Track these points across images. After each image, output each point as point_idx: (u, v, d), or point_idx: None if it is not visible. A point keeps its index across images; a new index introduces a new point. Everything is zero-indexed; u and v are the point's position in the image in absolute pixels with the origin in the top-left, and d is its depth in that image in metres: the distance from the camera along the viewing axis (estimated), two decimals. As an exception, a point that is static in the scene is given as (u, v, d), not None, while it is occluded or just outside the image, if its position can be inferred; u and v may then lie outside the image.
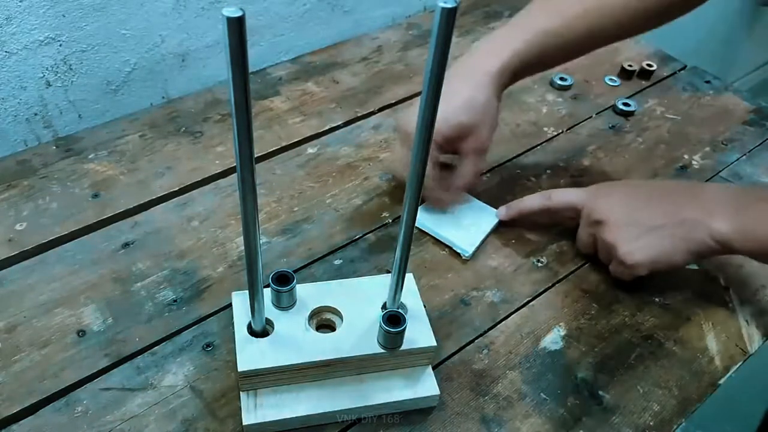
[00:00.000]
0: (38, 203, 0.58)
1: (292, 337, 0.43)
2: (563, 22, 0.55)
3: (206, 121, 0.68)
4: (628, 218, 0.50)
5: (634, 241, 0.49)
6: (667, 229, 0.48)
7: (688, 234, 0.48)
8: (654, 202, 0.50)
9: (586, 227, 0.53)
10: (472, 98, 0.53)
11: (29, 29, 0.59)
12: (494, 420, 0.45)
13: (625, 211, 0.50)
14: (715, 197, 0.49)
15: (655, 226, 0.49)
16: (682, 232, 0.48)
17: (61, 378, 0.46)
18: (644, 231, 0.49)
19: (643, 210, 0.50)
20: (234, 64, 0.28)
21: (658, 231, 0.49)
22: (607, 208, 0.51)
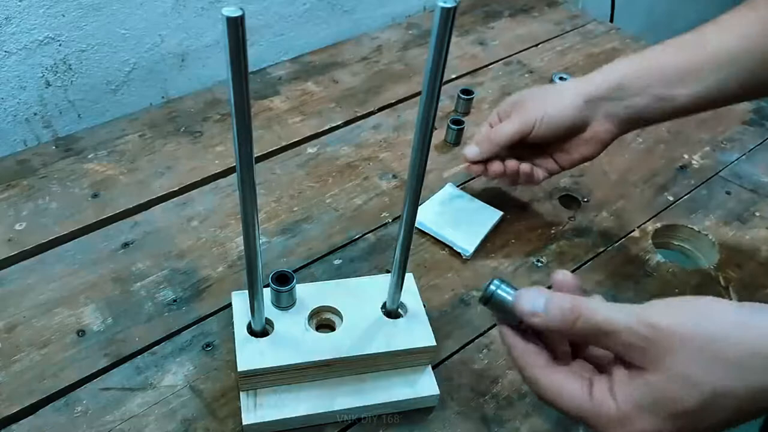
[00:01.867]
0: (38, 203, 0.58)
1: (291, 337, 0.43)
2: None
3: (206, 121, 0.68)
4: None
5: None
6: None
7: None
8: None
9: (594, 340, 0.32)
10: (546, 88, 0.55)
11: (29, 29, 0.59)
12: (494, 420, 0.45)
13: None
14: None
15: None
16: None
17: (61, 378, 0.45)
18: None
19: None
20: (234, 64, 0.28)
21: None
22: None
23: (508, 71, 0.78)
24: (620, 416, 0.30)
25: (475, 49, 0.82)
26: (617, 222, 0.60)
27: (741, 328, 0.29)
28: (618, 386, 0.31)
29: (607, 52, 0.83)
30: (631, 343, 0.30)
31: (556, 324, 0.32)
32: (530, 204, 0.61)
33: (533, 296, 0.33)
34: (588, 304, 0.31)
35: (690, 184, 0.65)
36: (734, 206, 0.63)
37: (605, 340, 0.31)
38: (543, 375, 0.33)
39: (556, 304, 0.32)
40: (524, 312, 0.33)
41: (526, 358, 0.34)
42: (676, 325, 0.29)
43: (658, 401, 0.29)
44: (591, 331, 0.31)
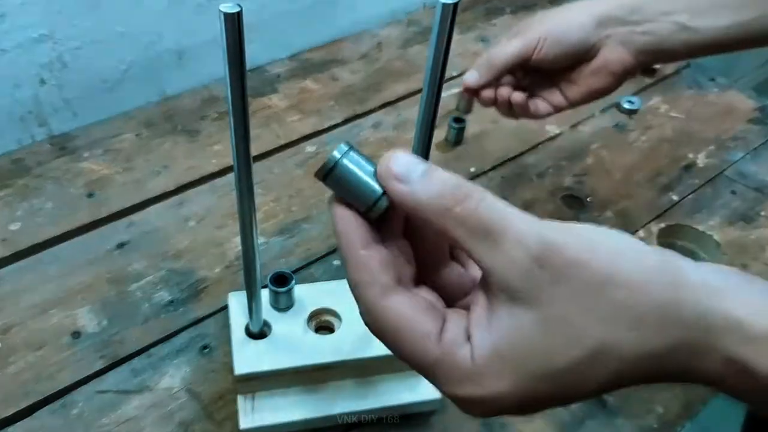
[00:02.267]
0: (33, 203, 0.57)
1: (290, 339, 0.42)
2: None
3: (203, 120, 0.67)
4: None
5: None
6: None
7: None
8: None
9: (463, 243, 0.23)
10: (557, 8, 0.49)
11: (23, 26, 0.58)
12: (496, 424, 0.45)
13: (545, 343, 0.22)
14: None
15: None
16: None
17: (57, 380, 0.45)
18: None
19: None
20: (231, 61, 0.27)
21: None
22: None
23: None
24: (473, 370, 0.22)
25: (476, 47, 0.81)
26: (621, 222, 0.60)
27: (652, 277, 0.21)
28: (476, 325, 0.22)
29: (610, 49, 0.82)
30: (513, 261, 0.21)
31: (430, 201, 0.22)
32: (533, 203, 0.61)
33: (408, 158, 0.23)
34: (478, 189, 0.23)
35: (694, 184, 0.64)
36: (739, 206, 0.62)
37: (480, 247, 0.22)
38: (383, 302, 0.23)
39: (439, 175, 0.23)
40: (391, 173, 0.23)
41: (366, 271, 0.23)
42: (580, 257, 0.21)
43: (525, 351, 0.21)
44: (471, 225, 0.22)
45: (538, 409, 0.23)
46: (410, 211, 0.23)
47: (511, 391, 0.22)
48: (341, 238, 0.24)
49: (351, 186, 0.24)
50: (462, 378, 0.22)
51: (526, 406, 0.22)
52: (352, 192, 0.24)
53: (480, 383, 0.22)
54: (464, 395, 0.22)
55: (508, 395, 0.22)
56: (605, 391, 0.22)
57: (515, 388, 0.22)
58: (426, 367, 0.23)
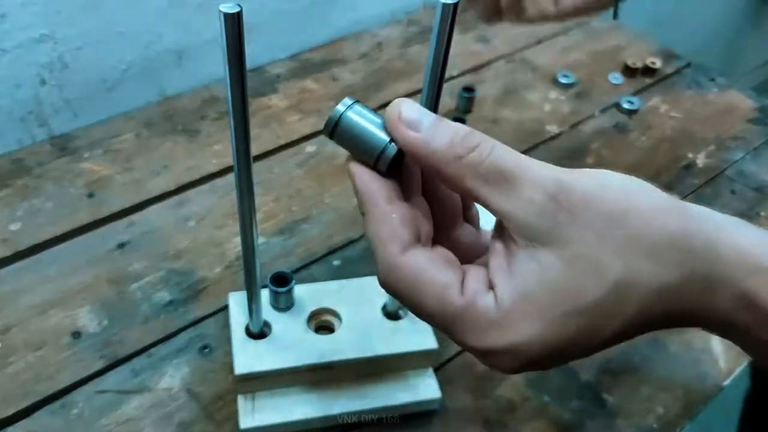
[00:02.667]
0: (33, 203, 0.57)
1: (290, 339, 0.42)
2: None
3: (203, 120, 0.67)
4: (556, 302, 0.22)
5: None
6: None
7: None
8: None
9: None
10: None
11: (24, 26, 0.58)
12: (497, 423, 0.45)
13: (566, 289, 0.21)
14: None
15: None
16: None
17: (57, 380, 0.45)
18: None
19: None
20: (231, 61, 0.27)
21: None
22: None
23: (511, 69, 0.78)
24: (499, 317, 0.21)
25: (477, 47, 0.81)
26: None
27: (663, 209, 0.22)
28: (497, 273, 0.22)
29: (612, 49, 0.82)
30: (531, 202, 0.21)
31: (441, 148, 0.22)
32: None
33: (418, 106, 0.23)
34: (489, 138, 0.23)
35: (694, 184, 0.64)
36: (739, 206, 0.62)
37: (495, 193, 0.22)
38: (403, 257, 0.23)
39: (449, 124, 0.23)
40: (401, 119, 0.23)
41: (388, 226, 0.23)
42: (593, 192, 0.21)
43: (551, 291, 0.21)
44: (485, 171, 0.22)
45: (566, 357, 0.22)
46: (421, 159, 0.23)
47: (539, 333, 0.21)
48: (363, 193, 0.24)
49: (358, 137, 0.24)
50: (487, 326, 0.21)
51: (553, 354, 0.22)
52: (359, 144, 0.24)
53: (507, 329, 0.21)
54: (491, 345, 0.22)
55: (536, 339, 0.21)
56: (630, 335, 0.22)
57: (543, 331, 0.21)
58: (448, 319, 0.22)
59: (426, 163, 0.23)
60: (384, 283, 0.24)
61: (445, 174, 0.23)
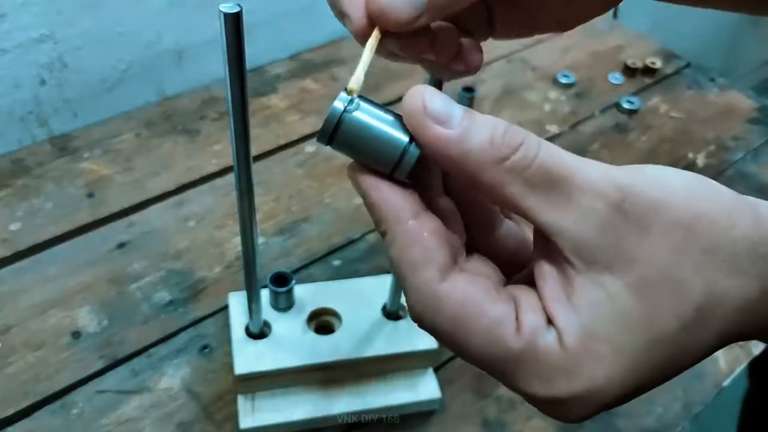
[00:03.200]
0: (33, 203, 0.57)
1: (290, 339, 0.42)
2: None
3: (203, 120, 0.67)
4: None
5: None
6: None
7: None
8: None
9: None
10: None
11: (24, 27, 0.58)
12: (496, 423, 0.45)
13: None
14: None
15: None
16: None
17: (56, 380, 0.45)
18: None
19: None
20: (231, 61, 0.27)
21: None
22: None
23: (510, 69, 0.78)
24: (565, 360, 0.17)
25: (476, 47, 0.81)
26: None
27: (733, 212, 0.18)
28: (554, 304, 0.18)
29: (612, 49, 0.82)
30: (590, 214, 0.17)
31: (476, 150, 0.18)
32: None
33: (442, 96, 0.18)
34: (532, 134, 0.19)
35: (694, 184, 0.64)
36: (739, 206, 0.62)
37: (544, 203, 0.18)
38: (443, 285, 0.18)
39: (485, 118, 0.18)
40: (427, 113, 0.18)
41: (421, 248, 0.18)
42: (660, 197, 0.17)
43: (626, 324, 0.17)
44: (531, 177, 0.18)
45: (642, 392, 0.19)
46: (453, 163, 0.18)
47: (615, 376, 0.17)
48: (381, 210, 0.19)
49: (366, 142, 0.18)
50: (553, 372, 0.18)
51: (631, 393, 0.18)
52: (369, 149, 0.18)
53: (577, 375, 0.17)
54: (559, 394, 0.18)
55: (612, 383, 0.18)
56: (711, 353, 0.19)
57: (620, 372, 0.17)
58: (500, 363, 0.18)
59: (458, 168, 0.18)
60: (419, 318, 0.19)
61: (480, 180, 0.18)
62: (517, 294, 0.19)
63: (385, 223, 0.19)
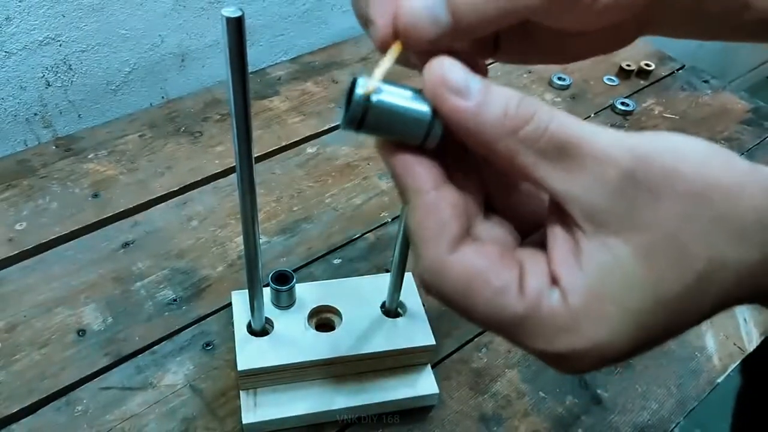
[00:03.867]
0: (38, 203, 0.58)
1: (291, 336, 0.43)
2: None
3: (206, 121, 0.68)
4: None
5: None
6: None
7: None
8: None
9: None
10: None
11: (29, 29, 0.59)
12: (493, 418, 0.45)
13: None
14: None
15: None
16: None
17: (61, 377, 0.46)
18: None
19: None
20: (233, 64, 0.28)
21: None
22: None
23: (507, 71, 0.78)
24: (568, 317, 0.18)
25: (474, 49, 0.82)
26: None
27: (746, 182, 0.18)
28: (562, 266, 0.19)
29: (606, 52, 0.83)
30: (601, 181, 0.18)
31: (492, 121, 0.18)
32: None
33: (461, 67, 0.19)
34: (545, 105, 0.19)
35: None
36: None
37: (556, 171, 0.18)
38: (451, 257, 0.19)
39: (500, 89, 0.19)
40: (447, 85, 0.18)
41: (436, 220, 0.19)
42: (672, 165, 0.18)
43: (630, 286, 0.18)
44: (543, 146, 0.18)
45: (645, 349, 0.19)
46: (469, 134, 0.19)
47: (617, 333, 0.18)
48: (405, 179, 0.20)
49: (393, 122, 0.19)
50: (557, 330, 0.18)
51: (634, 349, 0.19)
52: (396, 128, 0.19)
53: (580, 331, 0.18)
54: (562, 349, 0.19)
55: (614, 339, 0.18)
56: (709, 316, 0.20)
57: (622, 330, 0.18)
58: (508, 325, 0.19)
59: (475, 139, 0.19)
60: (427, 285, 0.20)
61: (495, 151, 0.19)
62: (524, 258, 0.20)
63: (405, 192, 0.20)
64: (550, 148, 0.18)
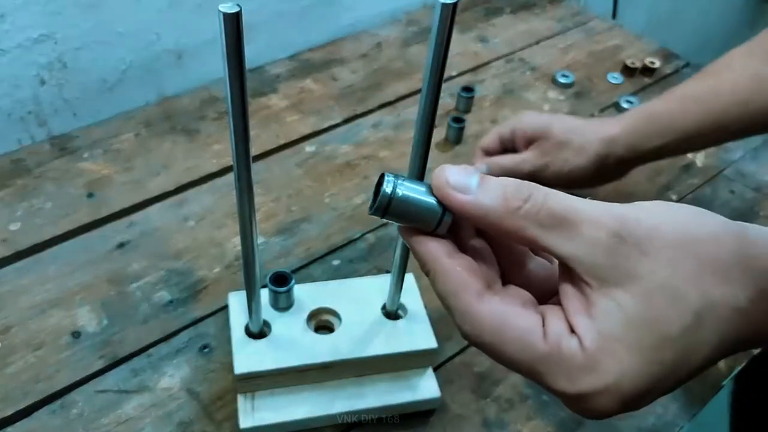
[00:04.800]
0: (32, 203, 0.57)
1: (290, 338, 0.42)
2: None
3: (202, 120, 0.67)
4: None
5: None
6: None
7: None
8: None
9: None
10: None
11: (23, 27, 0.58)
12: (496, 423, 0.45)
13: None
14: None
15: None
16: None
17: (56, 380, 0.45)
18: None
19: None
20: (231, 61, 0.27)
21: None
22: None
23: (510, 69, 0.78)
24: (586, 359, 0.21)
25: (476, 46, 0.81)
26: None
27: (721, 233, 0.22)
28: (576, 316, 0.22)
29: (610, 49, 0.82)
30: (595, 242, 0.21)
31: (494, 206, 0.22)
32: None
33: (460, 170, 0.23)
34: (539, 187, 0.23)
35: (693, 183, 0.64)
36: (738, 205, 0.62)
37: (557, 238, 0.22)
38: (480, 306, 0.23)
39: (497, 181, 0.23)
40: (450, 185, 0.23)
41: (457, 278, 0.23)
42: (654, 223, 0.22)
43: (635, 328, 0.21)
44: (543, 219, 0.22)
45: (658, 392, 0.22)
46: (477, 219, 0.23)
47: (629, 369, 0.21)
48: (424, 255, 0.24)
49: (411, 212, 0.24)
50: (576, 370, 0.21)
51: (647, 389, 0.21)
52: (414, 217, 0.24)
53: (596, 370, 0.21)
54: (583, 388, 0.21)
55: (627, 376, 0.21)
56: (714, 360, 0.22)
57: (633, 366, 0.21)
58: (534, 365, 0.22)
59: (482, 222, 0.23)
60: (466, 336, 0.24)
61: (503, 228, 0.23)
62: (545, 310, 0.23)
63: (425, 265, 0.25)
64: (549, 219, 0.22)
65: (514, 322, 0.22)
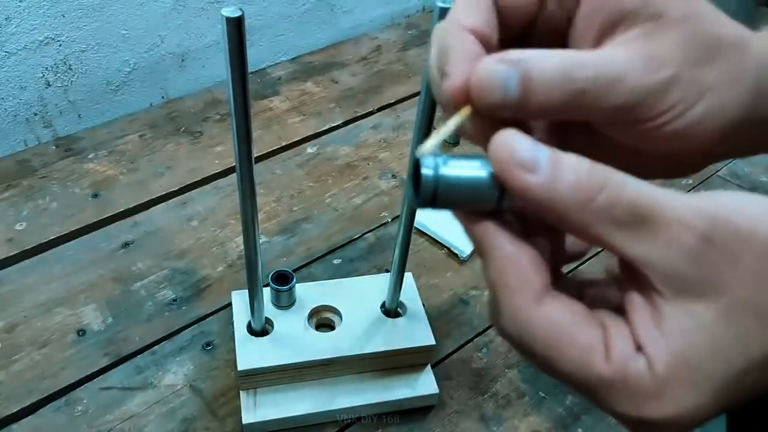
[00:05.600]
0: (38, 203, 0.58)
1: (291, 336, 0.43)
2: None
3: (206, 121, 0.68)
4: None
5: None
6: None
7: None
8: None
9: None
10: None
11: (29, 29, 0.59)
12: (493, 418, 0.45)
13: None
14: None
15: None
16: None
17: (61, 377, 0.46)
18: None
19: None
20: (233, 64, 0.28)
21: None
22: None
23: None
24: (655, 385, 0.18)
25: (474, 49, 0.82)
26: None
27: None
28: (644, 332, 0.19)
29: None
30: (679, 246, 0.18)
31: (566, 194, 0.18)
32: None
33: (527, 141, 0.18)
34: (615, 171, 0.18)
35: (688, 184, 0.65)
36: (733, 206, 0.63)
37: (632, 239, 0.18)
38: (536, 311, 0.19)
39: (568, 162, 0.18)
40: (515, 161, 0.18)
41: (517, 273, 0.19)
42: (746, 225, 0.18)
43: (714, 352, 0.18)
44: (619, 215, 0.18)
45: (735, 408, 0.19)
46: (541, 207, 0.18)
47: (707, 401, 0.18)
48: (483, 238, 0.20)
49: (463, 197, 0.19)
50: (645, 397, 0.18)
51: (720, 411, 0.19)
52: (467, 203, 0.19)
53: (668, 399, 0.18)
54: (652, 416, 0.18)
55: (702, 408, 0.18)
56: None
57: (712, 396, 0.18)
58: (593, 387, 0.19)
59: (547, 212, 0.18)
60: (509, 335, 0.20)
61: (566, 221, 0.18)
62: (606, 321, 0.20)
63: (480, 246, 0.20)
64: (624, 216, 0.18)
65: (574, 338, 0.19)
